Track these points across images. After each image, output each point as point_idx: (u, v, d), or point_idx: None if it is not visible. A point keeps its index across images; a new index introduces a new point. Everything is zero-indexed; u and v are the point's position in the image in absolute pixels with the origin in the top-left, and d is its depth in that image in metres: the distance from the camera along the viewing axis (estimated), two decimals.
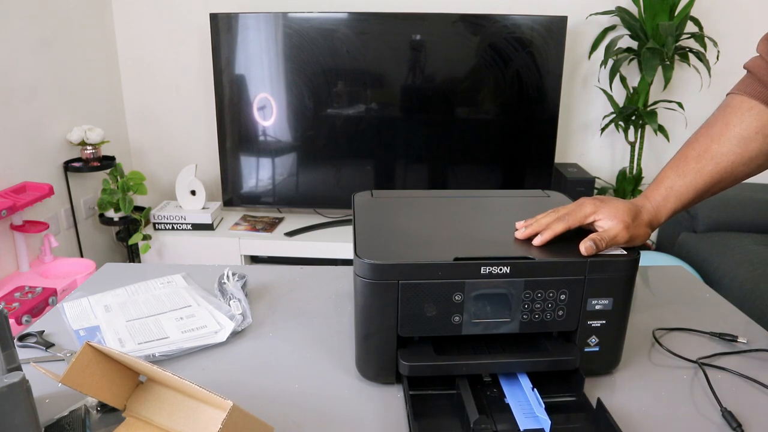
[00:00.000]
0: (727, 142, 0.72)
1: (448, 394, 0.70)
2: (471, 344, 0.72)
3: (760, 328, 0.88)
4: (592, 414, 0.66)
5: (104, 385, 0.62)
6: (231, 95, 2.37)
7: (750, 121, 0.71)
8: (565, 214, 0.72)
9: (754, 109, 0.72)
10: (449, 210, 0.85)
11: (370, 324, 0.69)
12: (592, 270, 0.67)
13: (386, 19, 2.27)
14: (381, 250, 0.69)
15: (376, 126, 2.37)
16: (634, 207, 0.73)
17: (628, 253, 0.70)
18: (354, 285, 0.70)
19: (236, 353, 0.80)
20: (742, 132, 0.71)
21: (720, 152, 0.72)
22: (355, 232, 0.74)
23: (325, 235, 2.40)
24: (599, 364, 0.74)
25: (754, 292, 1.76)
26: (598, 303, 0.70)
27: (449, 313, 0.68)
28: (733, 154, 0.72)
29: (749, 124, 0.71)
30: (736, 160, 0.72)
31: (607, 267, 0.69)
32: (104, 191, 2.33)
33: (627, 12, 2.33)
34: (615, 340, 0.74)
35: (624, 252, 0.70)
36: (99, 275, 1.03)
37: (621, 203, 0.73)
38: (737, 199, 2.30)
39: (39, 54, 2.11)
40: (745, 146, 0.71)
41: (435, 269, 0.66)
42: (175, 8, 2.51)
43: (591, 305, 0.70)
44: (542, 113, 2.34)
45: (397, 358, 0.70)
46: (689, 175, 0.73)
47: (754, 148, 0.72)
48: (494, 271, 0.66)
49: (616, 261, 0.69)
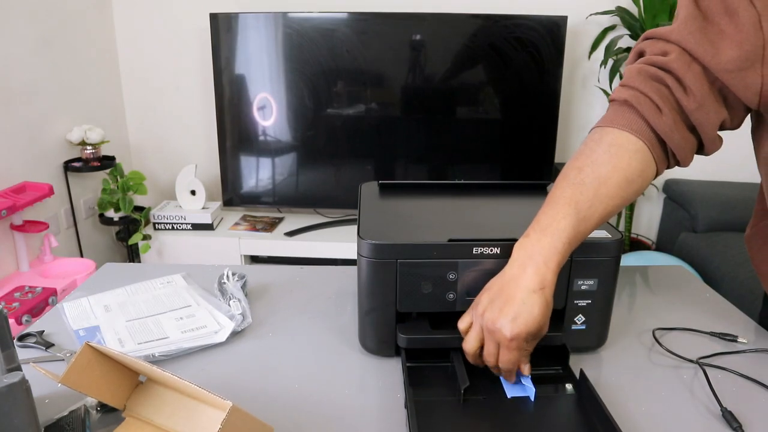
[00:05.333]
0: (614, 186, 0.68)
1: (443, 366, 0.75)
2: None
3: (760, 328, 0.88)
4: (575, 383, 0.71)
5: (104, 385, 0.62)
6: (231, 95, 2.37)
7: (636, 164, 0.69)
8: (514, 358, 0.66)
9: (639, 152, 0.69)
10: (449, 197, 0.90)
11: (372, 300, 0.74)
12: (577, 252, 0.69)
13: (386, 19, 2.27)
14: (382, 232, 0.74)
15: (376, 126, 2.37)
16: (542, 279, 0.66)
17: (612, 235, 0.74)
18: (357, 264, 0.75)
19: (236, 353, 0.79)
20: (627, 175, 0.69)
21: (608, 195, 0.68)
22: (360, 217, 0.79)
23: (325, 235, 2.40)
24: (586, 341, 0.79)
25: (754, 292, 1.76)
26: (583, 284, 0.74)
27: (444, 290, 0.73)
28: (618, 197, 0.69)
29: (635, 168, 0.69)
30: (619, 203, 0.70)
31: (592, 249, 0.72)
32: (104, 191, 2.33)
33: (627, 12, 2.33)
34: (601, 318, 0.77)
35: (608, 235, 0.74)
36: (99, 275, 1.03)
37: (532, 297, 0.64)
38: (737, 199, 2.30)
39: (39, 54, 2.12)
40: (628, 188, 0.69)
41: (431, 249, 0.71)
42: (175, 8, 2.51)
43: (577, 285, 0.74)
44: (542, 113, 2.34)
45: (396, 332, 0.75)
46: (584, 223, 0.68)
47: (634, 190, 0.70)
48: (485, 252, 0.71)
49: (600, 243, 0.73)
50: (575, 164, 0.70)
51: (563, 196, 0.68)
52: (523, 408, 0.67)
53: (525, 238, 0.68)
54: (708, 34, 0.67)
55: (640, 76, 0.71)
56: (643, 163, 0.70)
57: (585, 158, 0.70)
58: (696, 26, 0.68)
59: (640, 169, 0.70)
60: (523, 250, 0.67)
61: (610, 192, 0.68)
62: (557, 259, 0.66)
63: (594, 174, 0.68)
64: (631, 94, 0.71)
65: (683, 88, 0.69)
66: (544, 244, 0.66)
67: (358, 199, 0.88)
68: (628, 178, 0.69)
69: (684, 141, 0.71)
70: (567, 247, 0.66)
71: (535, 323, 0.64)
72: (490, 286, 0.68)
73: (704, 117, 0.69)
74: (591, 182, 0.68)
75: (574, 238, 0.67)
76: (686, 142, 0.71)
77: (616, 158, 0.69)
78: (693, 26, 0.68)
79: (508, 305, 0.64)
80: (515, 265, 0.67)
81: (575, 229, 0.67)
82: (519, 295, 0.64)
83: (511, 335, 0.63)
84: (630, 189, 0.70)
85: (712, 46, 0.67)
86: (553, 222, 0.67)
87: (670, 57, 0.69)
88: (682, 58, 0.68)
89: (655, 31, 0.73)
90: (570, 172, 0.70)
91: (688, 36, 0.68)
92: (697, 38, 0.67)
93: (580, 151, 0.72)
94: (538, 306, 0.64)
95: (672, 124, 0.69)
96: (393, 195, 0.90)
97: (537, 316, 0.64)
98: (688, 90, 0.68)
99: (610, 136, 0.71)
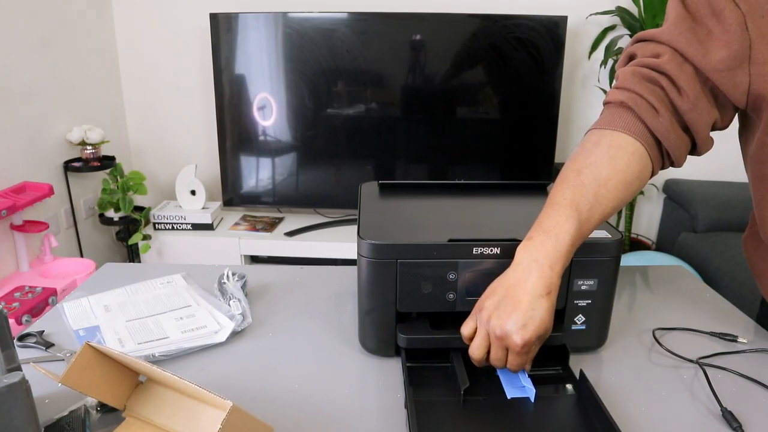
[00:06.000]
0: (613, 188, 0.68)
1: (443, 366, 0.75)
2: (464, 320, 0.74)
3: (760, 328, 0.88)
4: (575, 383, 0.70)
5: (104, 385, 0.62)
6: (231, 95, 2.37)
7: (634, 166, 0.69)
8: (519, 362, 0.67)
9: (637, 153, 0.70)
10: (449, 197, 0.90)
11: (372, 300, 0.74)
12: (577, 252, 0.69)
13: (386, 19, 2.27)
14: (382, 232, 0.74)
15: (376, 126, 2.37)
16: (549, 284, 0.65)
17: (612, 235, 0.74)
18: (357, 264, 0.75)
19: (236, 353, 0.79)
20: (626, 177, 0.69)
21: (608, 197, 0.68)
22: (360, 217, 0.79)
23: (325, 235, 2.40)
24: (586, 341, 0.78)
25: (753, 292, 1.76)
26: (583, 284, 0.74)
27: (444, 290, 0.73)
28: (617, 199, 0.69)
29: (633, 169, 0.70)
30: (618, 204, 0.70)
31: (592, 249, 0.72)
32: (104, 191, 2.33)
33: (627, 12, 2.33)
34: (601, 318, 0.77)
35: (608, 235, 0.74)
36: (99, 275, 1.03)
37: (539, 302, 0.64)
38: (737, 199, 2.30)
39: (39, 54, 2.12)
40: (626, 190, 0.70)
41: (431, 249, 0.71)
42: (175, 8, 2.51)
43: (577, 285, 0.74)
44: (542, 113, 2.34)
45: (396, 332, 0.75)
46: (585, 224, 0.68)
47: (633, 191, 0.71)
48: (485, 252, 0.71)
49: (600, 243, 0.73)
50: (574, 166, 0.70)
51: (564, 198, 0.68)
52: (523, 408, 0.67)
53: (528, 241, 0.67)
54: (697, 35, 0.68)
55: (634, 78, 0.71)
56: (641, 165, 0.70)
57: (584, 160, 0.70)
58: (685, 27, 0.69)
59: (638, 170, 0.70)
60: (526, 253, 0.66)
61: (609, 194, 0.69)
62: (562, 263, 0.66)
63: (593, 176, 0.69)
64: (628, 96, 0.71)
65: (677, 89, 0.69)
66: (548, 247, 0.66)
67: (358, 199, 0.88)
68: (627, 179, 0.69)
69: (679, 141, 0.71)
70: (570, 249, 0.66)
71: (543, 327, 0.64)
72: (494, 289, 0.67)
73: (698, 117, 0.70)
74: (591, 184, 0.68)
75: (577, 240, 0.67)
76: (681, 142, 0.72)
77: (615, 160, 0.69)
78: (683, 27, 0.69)
79: (516, 311, 0.64)
80: (519, 268, 0.66)
81: (578, 231, 0.67)
82: (526, 300, 0.64)
83: (523, 342, 0.63)
84: (628, 190, 0.70)
85: (702, 46, 0.68)
86: (556, 225, 0.66)
87: (663, 58, 0.69)
88: (675, 59, 0.69)
89: (645, 33, 0.74)
90: (569, 174, 0.70)
91: (679, 36, 0.69)
92: (687, 38, 0.68)
93: (578, 153, 0.72)
94: (545, 310, 0.64)
95: (668, 124, 0.70)
96: (393, 195, 0.90)
97: (545, 320, 0.64)
98: (681, 91, 0.69)
99: (608, 138, 0.71)
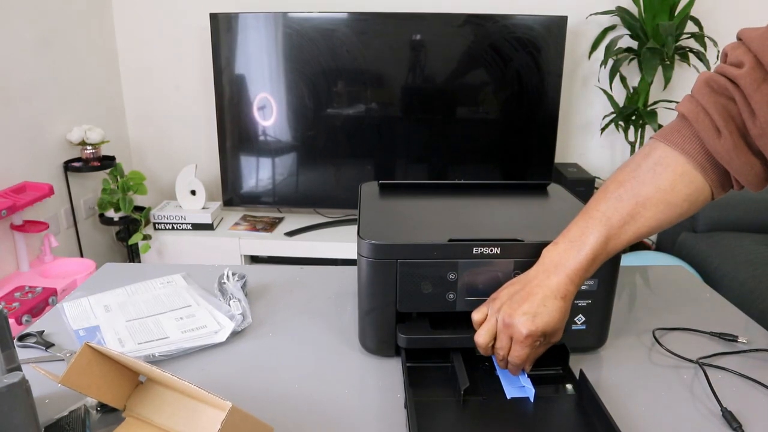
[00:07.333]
0: (653, 207, 0.64)
1: (443, 366, 0.75)
2: (465, 320, 0.75)
3: (760, 328, 0.88)
4: (575, 383, 0.70)
5: (104, 385, 0.62)
6: (231, 95, 2.37)
7: (681, 188, 0.64)
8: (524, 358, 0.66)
9: (686, 175, 0.64)
10: (449, 197, 0.90)
11: (372, 300, 0.74)
12: None
13: (386, 19, 2.27)
14: (382, 232, 0.74)
15: (376, 126, 2.37)
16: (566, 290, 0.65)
17: None
18: (357, 264, 0.75)
19: (236, 353, 0.79)
20: (670, 198, 0.64)
21: (644, 216, 0.64)
22: (360, 217, 0.79)
23: (325, 235, 2.40)
24: (586, 341, 0.79)
25: (754, 292, 1.76)
26: (584, 284, 0.73)
27: (444, 290, 0.73)
28: (655, 220, 0.65)
29: (680, 191, 0.64)
30: (656, 225, 0.65)
31: None
32: (104, 191, 2.33)
33: (627, 12, 2.33)
34: (601, 318, 0.77)
35: None
36: (99, 275, 1.03)
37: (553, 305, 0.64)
38: (737, 199, 2.29)
39: (38, 54, 2.11)
40: (668, 211, 0.65)
41: (431, 249, 0.71)
42: (175, 8, 2.51)
43: None
44: (542, 113, 2.34)
45: (396, 332, 0.75)
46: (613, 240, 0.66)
47: (678, 213, 0.65)
48: (485, 252, 0.71)
49: None
50: (618, 177, 0.67)
51: (598, 210, 0.66)
52: (523, 408, 0.67)
53: (554, 246, 0.67)
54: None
55: (705, 89, 0.64)
56: (691, 187, 0.64)
57: (629, 172, 0.67)
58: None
59: (686, 193, 0.64)
60: (549, 257, 0.67)
61: (648, 212, 0.65)
62: (582, 275, 0.65)
63: (633, 191, 0.65)
64: (691, 110, 0.65)
65: (750, 110, 0.60)
66: (570, 257, 0.65)
67: (358, 199, 0.88)
68: (670, 201, 0.64)
69: (747, 166, 0.62)
70: (591, 262, 0.65)
71: (552, 324, 0.64)
72: (512, 283, 0.68)
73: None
74: (628, 199, 0.65)
75: (600, 255, 0.65)
76: (750, 167, 0.63)
77: (660, 179, 0.64)
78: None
79: (527, 302, 0.64)
80: (541, 268, 0.67)
81: (602, 246, 0.65)
82: (541, 295, 0.64)
83: (528, 332, 0.63)
84: (672, 212, 0.65)
85: None
86: (581, 236, 0.65)
87: (743, 70, 0.60)
88: (754, 74, 0.59)
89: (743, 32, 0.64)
90: (611, 185, 0.67)
91: None
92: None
93: (628, 162, 0.68)
94: (557, 310, 0.64)
95: (731, 147, 0.61)
96: (393, 195, 0.90)
97: (556, 318, 0.64)
98: (754, 113, 0.60)
99: (660, 152, 0.66)
